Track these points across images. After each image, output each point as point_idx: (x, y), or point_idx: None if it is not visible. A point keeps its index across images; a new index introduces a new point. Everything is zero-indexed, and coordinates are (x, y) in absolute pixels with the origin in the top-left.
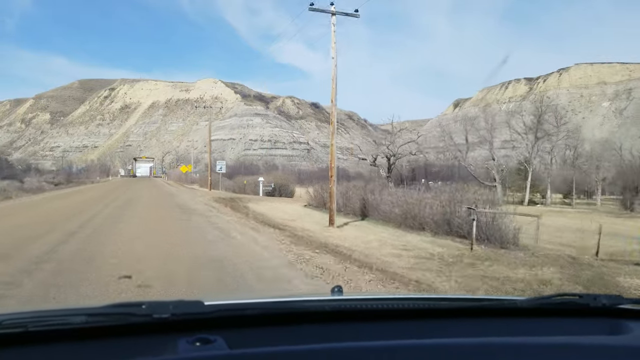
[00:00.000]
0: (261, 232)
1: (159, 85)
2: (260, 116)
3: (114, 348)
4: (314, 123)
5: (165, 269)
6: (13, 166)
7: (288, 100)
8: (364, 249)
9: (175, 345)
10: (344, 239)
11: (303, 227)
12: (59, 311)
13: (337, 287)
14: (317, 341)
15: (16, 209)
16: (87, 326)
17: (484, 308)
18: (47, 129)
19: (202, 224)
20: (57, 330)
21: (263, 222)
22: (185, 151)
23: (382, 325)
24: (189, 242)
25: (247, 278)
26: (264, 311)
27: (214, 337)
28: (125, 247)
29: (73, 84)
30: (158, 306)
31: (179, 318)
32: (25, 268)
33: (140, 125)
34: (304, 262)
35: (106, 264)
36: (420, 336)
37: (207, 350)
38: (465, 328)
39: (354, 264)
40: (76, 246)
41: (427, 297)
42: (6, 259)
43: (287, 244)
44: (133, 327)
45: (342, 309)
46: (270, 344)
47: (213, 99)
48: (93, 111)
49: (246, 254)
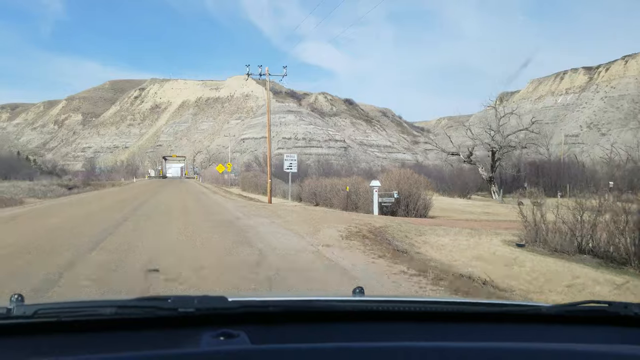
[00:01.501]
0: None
1: (189, 84)
2: (294, 113)
3: (141, 339)
4: (348, 120)
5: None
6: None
7: (321, 96)
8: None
9: (200, 339)
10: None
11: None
12: (90, 302)
13: (358, 288)
14: (338, 340)
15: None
16: (116, 317)
17: (507, 313)
18: (79, 129)
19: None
20: (88, 320)
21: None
22: (216, 150)
23: (402, 327)
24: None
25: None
26: (286, 308)
27: (237, 332)
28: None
29: (104, 84)
30: (183, 301)
31: (203, 313)
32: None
33: (171, 124)
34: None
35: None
36: (441, 339)
37: (231, 345)
38: (487, 332)
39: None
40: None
41: (450, 301)
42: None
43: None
44: (159, 320)
45: (364, 310)
46: (292, 341)
47: (244, 96)
48: (124, 111)
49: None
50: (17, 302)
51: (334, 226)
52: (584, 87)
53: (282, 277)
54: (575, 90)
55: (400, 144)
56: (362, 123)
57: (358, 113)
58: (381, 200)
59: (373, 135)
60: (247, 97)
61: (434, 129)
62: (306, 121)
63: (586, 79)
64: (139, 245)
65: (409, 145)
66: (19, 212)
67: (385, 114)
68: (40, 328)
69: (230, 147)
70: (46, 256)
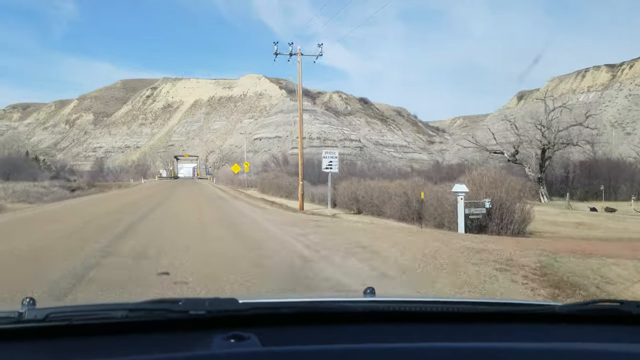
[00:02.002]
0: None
1: (201, 83)
2: (308, 112)
3: (153, 342)
4: (363, 119)
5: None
6: (35, 167)
7: (335, 95)
8: None
9: (210, 341)
10: None
11: None
12: (101, 306)
13: (369, 289)
14: (349, 341)
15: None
16: (127, 321)
17: (520, 313)
18: (90, 129)
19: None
20: (100, 324)
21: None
22: (229, 150)
23: (413, 328)
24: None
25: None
26: (297, 310)
27: (247, 334)
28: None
29: (116, 84)
30: (194, 303)
31: (214, 315)
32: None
33: (183, 124)
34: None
35: None
36: (454, 339)
37: (241, 347)
38: (500, 332)
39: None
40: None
41: (462, 301)
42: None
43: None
44: (171, 322)
45: (375, 310)
46: (303, 343)
47: (257, 95)
48: (135, 111)
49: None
50: (28, 305)
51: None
52: (606, 84)
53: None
54: (597, 88)
55: (416, 143)
56: (378, 122)
57: (373, 112)
58: (468, 211)
59: (389, 134)
60: (260, 96)
61: (449, 128)
62: (321, 120)
63: (609, 77)
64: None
65: (425, 145)
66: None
67: (400, 113)
68: (51, 332)
69: (245, 146)
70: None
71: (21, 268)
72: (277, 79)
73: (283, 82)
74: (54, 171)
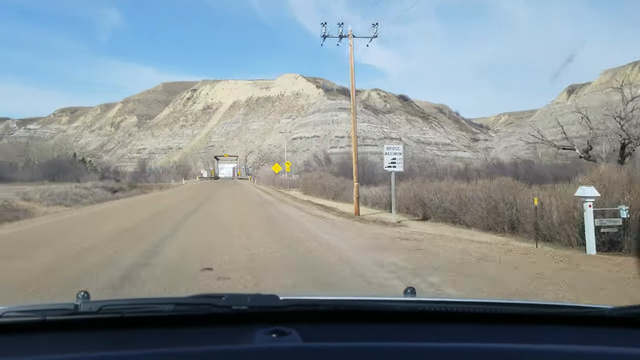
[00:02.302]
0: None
1: (239, 84)
2: (346, 110)
3: (198, 335)
4: (403, 117)
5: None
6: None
7: (374, 93)
8: None
9: (253, 336)
10: None
11: None
12: (150, 299)
13: (409, 289)
14: (388, 340)
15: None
16: (174, 314)
17: (566, 315)
18: (134, 131)
19: None
20: (149, 317)
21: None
22: (268, 150)
23: (454, 328)
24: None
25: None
26: (337, 308)
27: (289, 330)
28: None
29: (157, 87)
30: (237, 298)
31: (255, 310)
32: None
33: (222, 125)
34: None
35: None
36: (497, 341)
37: (283, 342)
38: (546, 335)
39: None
40: None
41: (507, 303)
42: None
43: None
44: (214, 316)
45: (414, 310)
46: (343, 340)
47: (294, 95)
48: (176, 113)
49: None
50: (83, 299)
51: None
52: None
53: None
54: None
55: (459, 141)
56: (419, 120)
57: (413, 110)
58: (599, 222)
59: (430, 132)
60: (297, 96)
61: (493, 125)
62: (359, 118)
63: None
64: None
65: (469, 143)
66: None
67: (442, 111)
68: (104, 323)
69: (284, 145)
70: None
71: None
72: (314, 78)
73: (320, 81)
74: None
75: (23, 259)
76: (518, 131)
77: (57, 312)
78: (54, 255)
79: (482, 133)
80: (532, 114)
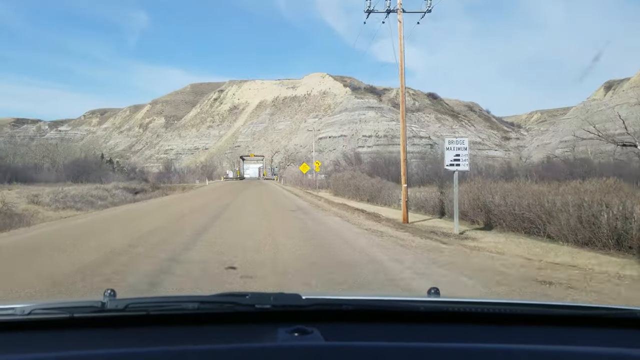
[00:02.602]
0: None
1: (266, 84)
2: (374, 109)
3: (222, 333)
4: (433, 115)
5: None
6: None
7: None
8: None
9: (276, 334)
10: None
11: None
12: (175, 298)
13: (433, 289)
14: (410, 339)
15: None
16: (198, 312)
17: (596, 317)
18: (162, 132)
19: None
20: (174, 314)
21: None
22: (294, 150)
23: (477, 329)
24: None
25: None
26: (359, 307)
27: (310, 329)
28: None
29: (185, 88)
30: (260, 297)
31: (278, 309)
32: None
33: (249, 125)
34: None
35: None
36: (524, 342)
37: (305, 341)
38: (574, 337)
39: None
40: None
41: (533, 304)
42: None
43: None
44: (238, 315)
45: (438, 310)
46: (365, 339)
47: (321, 94)
48: (203, 113)
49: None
50: (110, 296)
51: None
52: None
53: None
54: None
55: (490, 140)
56: (448, 118)
57: (443, 108)
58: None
59: (461, 131)
60: (324, 95)
61: (525, 123)
62: (388, 117)
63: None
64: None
65: (500, 142)
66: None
67: (472, 109)
68: (130, 320)
69: (312, 144)
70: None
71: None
72: (341, 77)
73: (347, 79)
74: (126, 173)
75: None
76: (552, 129)
77: (84, 310)
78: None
79: (513, 131)
80: (565, 112)
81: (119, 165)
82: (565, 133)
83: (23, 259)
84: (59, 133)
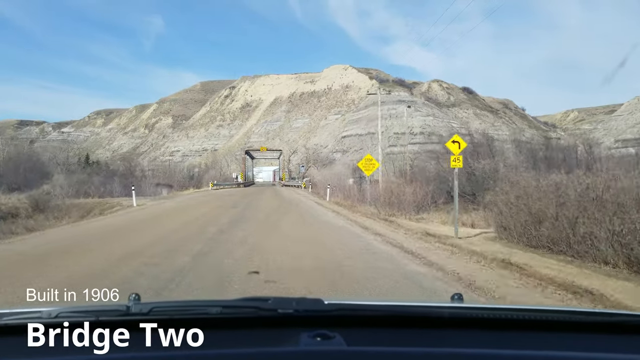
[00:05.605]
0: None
1: (281, 79)
2: (405, 103)
3: (245, 337)
4: (471, 111)
5: None
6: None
7: (435, 84)
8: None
9: (298, 338)
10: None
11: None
12: (198, 302)
13: (457, 295)
14: (432, 345)
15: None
16: (221, 316)
17: (617, 323)
18: (169, 133)
19: None
20: (197, 318)
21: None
22: (314, 150)
23: (504, 335)
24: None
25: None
26: (382, 313)
27: (333, 334)
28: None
29: (195, 86)
30: (283, 302)
31: (301, 314)
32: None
33: (262, 124)
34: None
35: None
36: (547, 348)
37: (327, 346)
38: (599, 343)
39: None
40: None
41: (558, 310)
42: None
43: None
44: (260, 319)
45: (462, 316)
46: (387, 344)
47: (343, 88)
48: (213, 112)
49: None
50: (134, 300)
51: None
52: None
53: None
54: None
55: (534, 140)
56: (488, 115)
57: (480, 103)
58: None
59: (504, 128)
60: (347, 89)
61: (561, 123)
62: (422, 112)
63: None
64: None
65: (544, 142)
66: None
67: (507, 106)
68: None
69: (330, 145)
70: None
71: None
72: (366, 69)
73: (373, 71)
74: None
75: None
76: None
77: (109, 313)
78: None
79: (551, 131)
80: (606, 109)
81: (107, 167)
82: (620, 132)
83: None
84: (62, 135)
